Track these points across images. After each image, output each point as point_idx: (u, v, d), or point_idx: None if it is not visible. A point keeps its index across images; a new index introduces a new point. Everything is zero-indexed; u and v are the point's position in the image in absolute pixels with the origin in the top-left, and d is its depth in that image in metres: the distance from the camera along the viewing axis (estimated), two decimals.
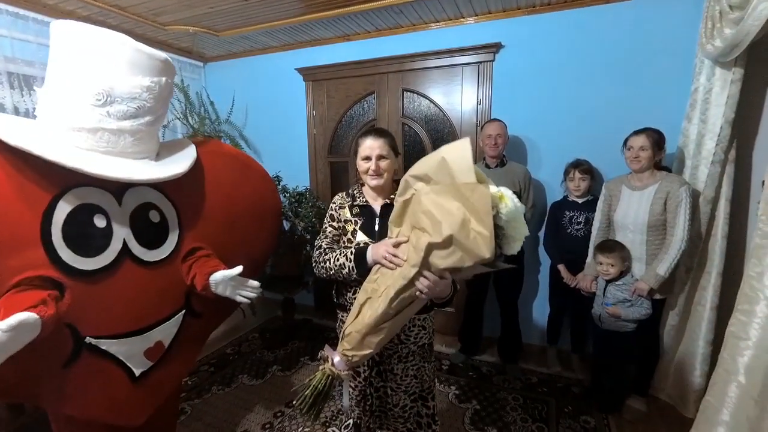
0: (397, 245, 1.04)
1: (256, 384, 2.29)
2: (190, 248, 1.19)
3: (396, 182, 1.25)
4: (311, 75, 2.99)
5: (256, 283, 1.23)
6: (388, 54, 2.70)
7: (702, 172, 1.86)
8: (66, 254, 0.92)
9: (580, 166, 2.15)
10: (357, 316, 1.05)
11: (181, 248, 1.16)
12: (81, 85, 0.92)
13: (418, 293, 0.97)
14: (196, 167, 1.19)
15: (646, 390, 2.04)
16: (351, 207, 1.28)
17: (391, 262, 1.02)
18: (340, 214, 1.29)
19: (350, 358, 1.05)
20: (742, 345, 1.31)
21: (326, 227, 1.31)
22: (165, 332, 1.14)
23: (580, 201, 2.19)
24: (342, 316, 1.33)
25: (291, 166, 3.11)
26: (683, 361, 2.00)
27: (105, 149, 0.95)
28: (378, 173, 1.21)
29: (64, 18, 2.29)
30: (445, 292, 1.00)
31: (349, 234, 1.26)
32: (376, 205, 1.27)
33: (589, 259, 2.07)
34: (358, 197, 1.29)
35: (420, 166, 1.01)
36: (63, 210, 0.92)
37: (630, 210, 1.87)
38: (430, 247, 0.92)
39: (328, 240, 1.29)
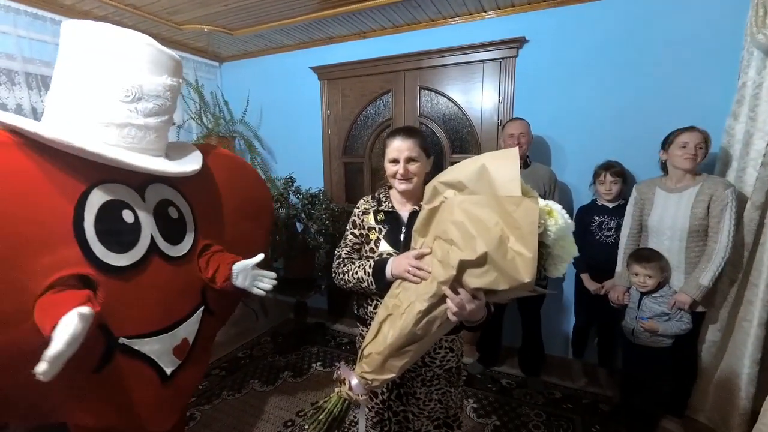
0: (420, 257, 0.94)
1: (266, 390, 2.24)
2: (204, 245, 1.20)
3: None
4: (326, 74, 2.92)
5: (272, 274, 1.24)
6: (405, 51, 2.60)
7: (750, 174, 1.69)
8: (99, 250, 0.91)
9: (611, 168, 2.00)
10: (377, 335, 0.95)
11: (197, 244, 1.18)
12: (109, 82, 0.92)
13: (448, 312, 0.87)
14: (203, 167, 1.19)
15: (682, 411, 1.88)
16: (376, 212, 1.18)
17: (414, 275, 0.93)
18: (363, 221, 1.20)
19: (370, 381, 0.95)
20: None
21: (347, 235, 1.23)
22: (189, 329, 1.14)
23: (610, 206, 2.04)
24: (362, 330, 1.22)
25: (304, 166, 3.06)
26: (726, 381, 1.83)
27: (130, 145, 0.96)
28: (406, 177, 1.11)
29: (81, 18, 2.31)
30: (478, 315, 0.88)
31: (372, 243, 1.16)
32: (404, 211, 1.17)
33: (619, 269, 1.92)
34: (384, 202, 1.19)
35: (453, 173, 0.91)
36: (93, 206, 0.91)
37: (666, 214, 1.72)
38: (463, 264, 0.82)
39: (347, 249, 1.21)
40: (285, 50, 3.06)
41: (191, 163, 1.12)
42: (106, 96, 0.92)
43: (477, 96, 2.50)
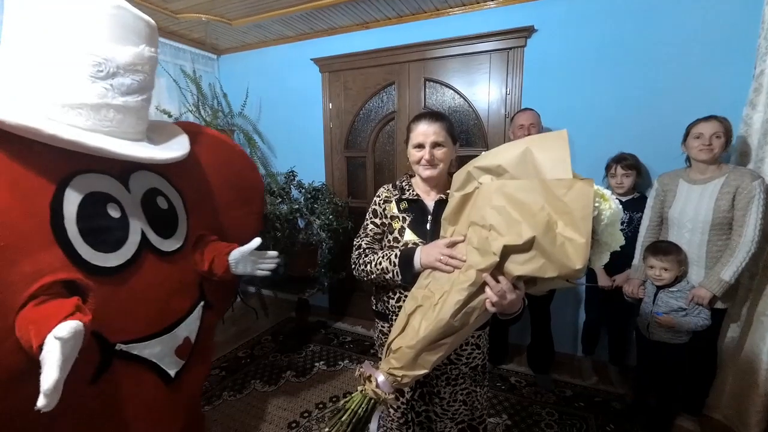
0: (452, 245, 0.88)
1: (269, 391, 2.16)
2: (198, 236, 1.12)
3: (452, 175, 1.08)
4: (328, 65, 2.84)
5: (273, 253, 1.18)
6: (410, 42, 2.53)
7: None
8: (86, 251, 0.80)
9: (622, 161, 1.95)
10: (405, 328, 0.89)
11: (191, 235, 1.08)
12: (73, 53, 0.77)
13: (487, 302, 0.81)
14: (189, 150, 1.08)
15: (699, 409, 1.83)
16: (399, 201, 1.12)
17: (447, 264, 0.87)
18: (384, 209, 1.13)
19: (399, 378, 0.87)
20: None
21: (367, 224, 1.16)
22: (190, 327, 1.05)
23: (623, 199, 1.98)
24: (383, 326, 1.15)
25: (306, 161, 2.98)
26: (744, 379, 1.77)
27: (108, 129, 0.82)
28: (432, 163, 1.05)
29: None
30: (516, 306, 0.83)
31: (396, 232, 1.09)
32: (429, 200, 1.11)
33: (636, 261, 1.86)
34: (408, 190, 1.13)
35: (492, 158, 0.85)
36: (72, 201, 0.79)
37: (689, 206, 1.66)
38: (507, 250, 0.76)
39: (368, 239, 1.14)
40: (285, 41, 2.97)
41: (178, 148, 1.01)
42: (72, 71, 0.77)
43: (484, 87, 2.44)
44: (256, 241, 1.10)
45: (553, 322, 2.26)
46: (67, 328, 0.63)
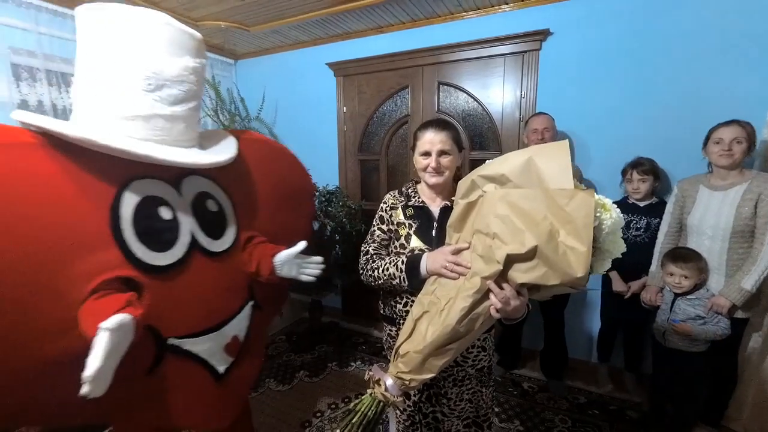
0: (457, 252, 0.90)
1: (283, 390, 2.21)
2: (246, 237, 1.15)
3: (458, 181, 1.10)
4: (342, 69, 2.88)
5: (318, 258, 1.20)
6: (424, 45, 2.55)
7: None
8: (140, 250, 0.87)
9: (639, 166, 1.92)
10: (412, 333, 0.91)
11: (240, 237, 1.13)
12: (128, 70, 0.85)
13: (491, 309, 0.83)
14: (239, 154, 1.13)
15: (718, 420, 1.79)
16: (405, 208, 1.14)
17: (453, 271, 0.89)
18: (391, 216, 1.16)
19: (407, 382, 0.90)
20: None
21: (374, 230, 1.19)
22: (238, 326, 1.10)
23: (641, 204, 1.95)
24: (390, 330, 1.18)
25: (320, 164, 3.02)
26: (766, 390, 1.73)
27: (159, 137, 0.89)
28: (438, 171, 1.07)
29: None
30: (520, 311, 0.85)
31: (402, 239, 1.12)
32: (435, 206, 1.13)
33: (653, 268, 1.83)
34: (413, 197, 1.15)
35: (495, 167, 0.87)
36: (129, 204, 0.87)
37: (709, 213, 1.63)
38: (510, 258, 0.78)
39: (375, 245, 1.16)
40: (301, 46, 3.03)
41: (225, 152, 1.05)
42: (128, 86, 0.85)
43: (498, 91, 2.43)
44: (301, 245, 1.12)
45: (568, 327, 2.24)
46: (114, 320, 0.68)
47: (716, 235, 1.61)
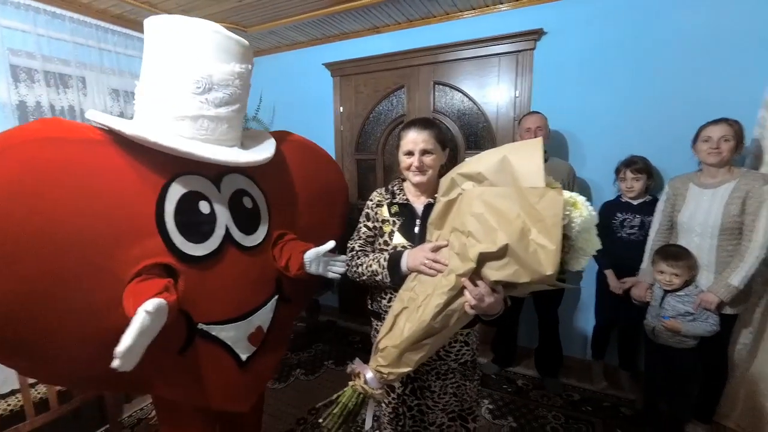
0: (436, 249, 0.92)
1: (279, 387, 2.23)
2: (278, 234, 1.21)
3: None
4: (339, 70, 2.90)
5: (344, 257, 1.23)
6: (419, 45, 2.57)
7: None
8: (179, 241, 0.95)
9: (632, 164, 1.93)
10: (392, 328, 0.94)
11: (271, 233, 1.19)
12: (181, 74, 0.94)
13: (466, 305, 0.85)
14: (277, 155, 1.19)
15: (710, 416, 1.80)
16: (390, 205, 1.17)
17: (431, 268, 0.91)
18: (376, 213, 1.18)
19: (385, 375, 0.93)
20: None
21: (360, 227, 1.21)
22: (263, 317, 1.16)
23: (635, 203, 1.97)
24: (377, 325, 1.21)
25: None
26: (757, 386, 1.74)
27: (204, 137, 0.98)
28: (421, 169, 1.09)
29: (97, 16, 2.34)
30: (496, 308, 0.86)
31: (386, 236, 1.14)
32: (419, 204, 1.15)
33: (644, 265, 1.85)
34: (399, 194, 1.17)
35: (473, 165, 0.89)
36: (173, 198, 0.95)
37: (699, 211, 1.64)
38: (483, 257, 0.80)
39: (361, 242, 1.19)
40: (298, 47, 3.05)
41: (263, 151, 1.12)
42: (179, 89, 0.94)
43: (493, 90, 2.45)
44: (330, 244, 1.16)
45: (563, 325, 2.25)
46: (153, 303, 0.75)
47: (705, 232, 1.62)
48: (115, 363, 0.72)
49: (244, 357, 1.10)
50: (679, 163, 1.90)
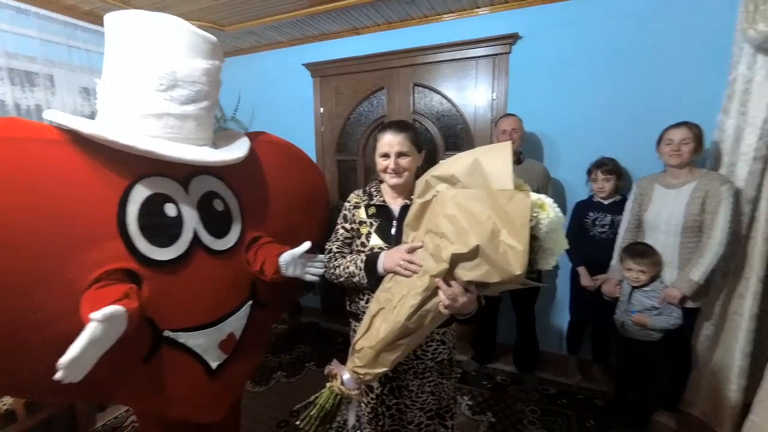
0: (411, 251, 0.94)
1: (259, 391, 2.21)
2: (252, 237, 1.18)
3: None
4: (319, 70, 2.90)
5: (323, 257, 1.21)
6: (399, 47, 2.59)
7: (741, 169, 1.71)
8: (142, 245, 0.91)
9: (602, 166, 2.01)
10: (368, 329, 0.95)
11: (244, 237, 1.15)
12: (144, 71, 0.91)
13: (440, 305, 0.87)
14: (251, 156, 1.16)
15: (675, 405, 1.89)
16: (367, 206, 1.17)
17: (406, 269, 0.92)
18: (354, 215, 1.19)
19: (362, 376, 0.94)
20: None
21: (337, 228, 1.21)
22: (236, 324, 1.12)
23: (605, 202, 2.05)
24: (355, 326, 1.22)
25: None
26: (718, 375, 1.84)
27: (170, 135, 0.94)
28: (397, 172, 1.10)
29: (66, 12, 2.27)
30: (469, 307, 0.89)
31: (363, 237, 1.15)
32: (395, 205, 1.16)
33: (614, 262, 1.92)
34: (376, 196, 1.18)
35: (446, 167, 0.92)
36: (136, 200, 0.92)
37: (663, 210, 1.72)
38: (455, 258, 0.82)
39: (338, 243, 1.19)
40: (277, 47, 3.03)
41: (235, 151, 1.08)
42: (142, 86, 0.90)
43: (471, 93, 2.50)
44: (306, 245, 1.12)
45: (539, 322, 2.32)
46: (104, 311, 0.71)
47: (669, 230, 1.71)
48: (59, 375, 0.69)
49: (213, 365, 1.07)
50: (647, 165, 1.99)
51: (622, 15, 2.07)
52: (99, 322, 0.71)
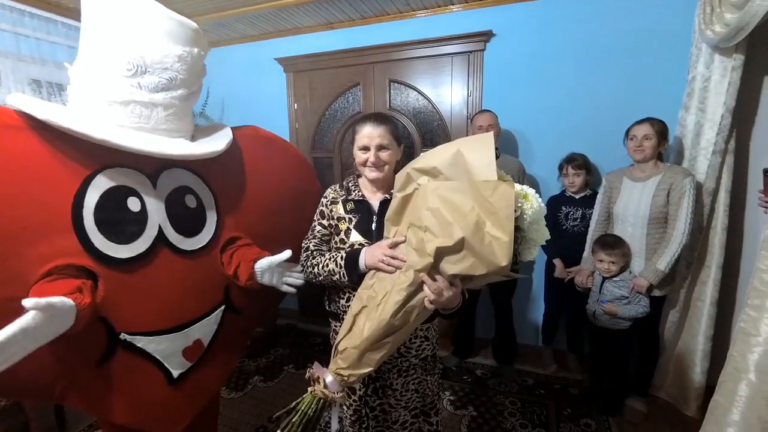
0: (393, 246, 0.91)
1: (235, 397, 2.12)
2: (229, 237, 1.10)
3: None
4: (292, 65, 2.82)
5: (300, 268, 1.16)
6: (374, 43, 2.56)
7: (701, 162, 1.80)
8: (99, 240, 0.85)
9: (573, 161, 2.07)
10: (351, 328, 0.91)
11: (219, 237, 1.08)
12: (113, 55, 0.86)
13: (426, 300, 0.84)
14: (234, 150, 1.09)
15: (646, 390, 1.97)
16: (345, 202, 1.13)
17: (389, 265, 0.90)
18: (331, 210, 1.14)
19: (346, 377, 0.90)
20: (753, 341, 1.23)
21: (314, 225, 1.17)
22: (204, 330, 1.05)
23: (577, 196, 2.11)
24: (335, 326, 1.17)
25: None
26: (683, 359, 1.94)
27: (137, 124, 0.89)
28: (377, 165, 1.07)
29: (19, 2, 2.08)
30: (454, 301, 0.87)
31: (342, 233, 1.11)
32: (375, 200, 1.13)
33: (586, 254, 1.99)
34: (354, 191, 1.14)
35: (428, 159, 0.89)
36: (95, 193, 0.85)
37: (631, 202, 1.79)
38: (440, 251, 0.80)
39: (316, 241, 1.15)
40: (248, 40, 2.92)
41: (210, 145, 1.01)
42: (110, 71, 0.85)
43: (446, 89, 2.51)
44: (287, 253, 1.06)
45: (516, 315, 2.36)
46: (36, 300, 0.66)
47: (637, 222, 1.78)
48: None
49: (175, 373, 0.99)
50: (615, 160, 2.06)
51: (589, 16, 2.14)
52: (36, 311, 0.66)
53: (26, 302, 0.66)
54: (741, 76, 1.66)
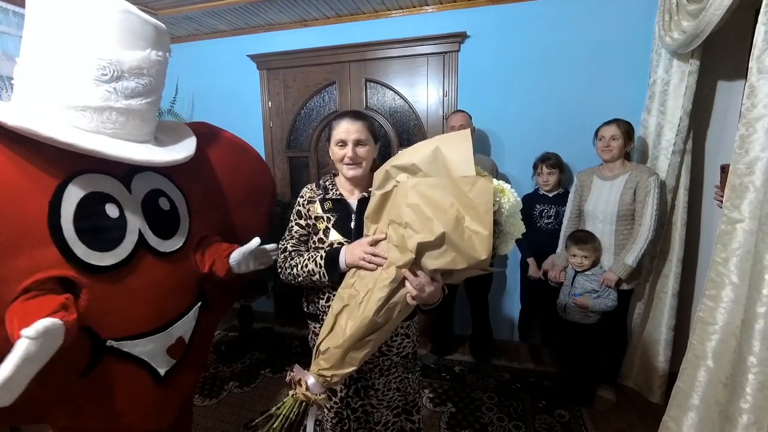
0: (374, 243, 0.91)
1: (210, 404, 2.05)
2: (200, 236, 1.12)
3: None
4: (266, 63, 2.75)
5: (272, 246, 1.18)
6: (350, 42, 2.54)
7: (662, 162, 1.90)
8: (80, 250, 0.82)
9: (547, 160, 2.14)
10: (333, 328, 0.90)
11: (193, 237, 1.09)
12: (79, 58, 0.80)
13: (408, 296, 0.85)
14: (197, 150, 1.07)
15: (614, 379, 2.06)
16: (322, 201, 1.12)
17: (371, 262, 0.89)
18: (309, 210, 1.12)
19: (329, 378, 0.88)
20: (710, 330, 1.31)
21: (291, 226, 1.14)
22: (185, 327, 1.06)
23: (550, 195, 2.17)
24: (315, 327, 1.15)
25: None
26: (647, 348, 2.04)
27: (112, 131, 0.86)
28: (355, 161, 1.06)
29: None
30: (436, 296, 0.88)
31: (321, 233, 1.09)
32: (353, 199, 1.11)
33: (559, 250, 2.05)
34: (331, 189, 1.13)
35: (406, 156, 0.89)
36: (71, 200, 0.82)
37: (600, 200, 1.87)
38: (421, 246, 0.81)
39: (293, 241, 1.12)
40: (219, 36, 2.83)
41: (183, 149, 1.02)
42: (76, 75, 0.80)
43: (422, 89, 2.52)
44: (255, 242, 1.08)
45: (492, 311, 2.41)
46: (38, 327, 0.64)
47: (606, 219, 1.86)
48: None
49: (162, 372, 1.00)
50: (585, 159, 2.14)
51: (558, 21, 2.21)
52: (33, 339, 0.64)
53: (26, 332, 0.64)
54: (697, 81, 1.76)
